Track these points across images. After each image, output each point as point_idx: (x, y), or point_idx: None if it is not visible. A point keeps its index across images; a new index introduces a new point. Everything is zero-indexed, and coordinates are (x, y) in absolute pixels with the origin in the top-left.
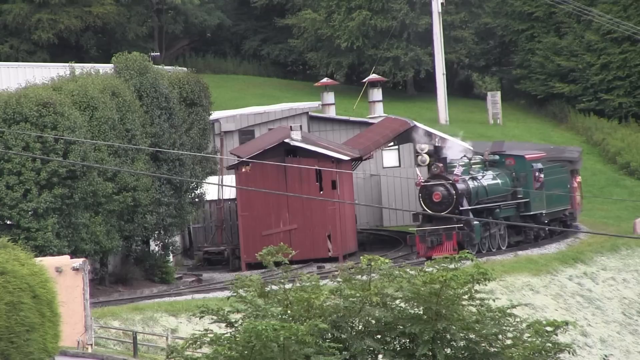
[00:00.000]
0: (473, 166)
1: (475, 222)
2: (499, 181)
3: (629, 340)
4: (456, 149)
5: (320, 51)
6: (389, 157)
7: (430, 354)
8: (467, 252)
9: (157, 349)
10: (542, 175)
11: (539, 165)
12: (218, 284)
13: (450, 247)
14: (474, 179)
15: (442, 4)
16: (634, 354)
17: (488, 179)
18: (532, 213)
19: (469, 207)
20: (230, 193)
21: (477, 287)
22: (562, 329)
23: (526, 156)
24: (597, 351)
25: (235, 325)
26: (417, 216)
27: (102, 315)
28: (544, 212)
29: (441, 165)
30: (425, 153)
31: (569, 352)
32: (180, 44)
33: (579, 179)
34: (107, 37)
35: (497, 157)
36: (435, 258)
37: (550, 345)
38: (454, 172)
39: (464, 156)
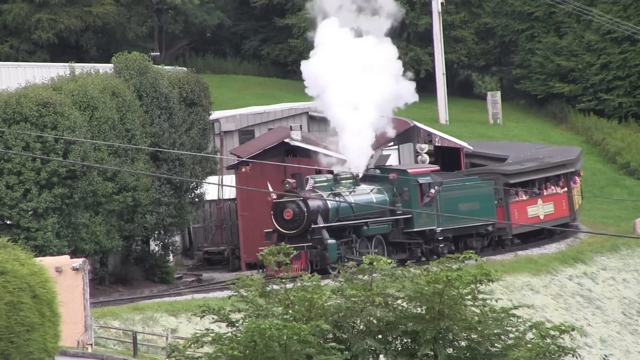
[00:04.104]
0: (343, 181)
1: (330, 241)
2: (373, 197)
3: (629, 340)
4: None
5: None
6: (389, 157)
7: (432, 353)
8: (471, 253)
9: (157, 349)
10: (432, 190)
11: (428, 180)
12: (218, 284)
13: (299, 267)
14: (336, 195)
15: (442, 4)
16: (634, 354)
17: (358, 194)
18: (417, 229)
19: (324, 225)
20: (230, 193)
21: (479, 287)
22: (568, 334)
23: (409, 170)
24: (597, 351)
25: (236, 325)
26: (269, 234)
27: (102, 315)
28: (436, 228)
29: (293, 181)
30: (425, 153)
31: (572, 355)
32: (180, 44)
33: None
34: (107, 37)
35: (377, 171)
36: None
37: (555, 347)
38: (306, 189)
39: (329, 171)
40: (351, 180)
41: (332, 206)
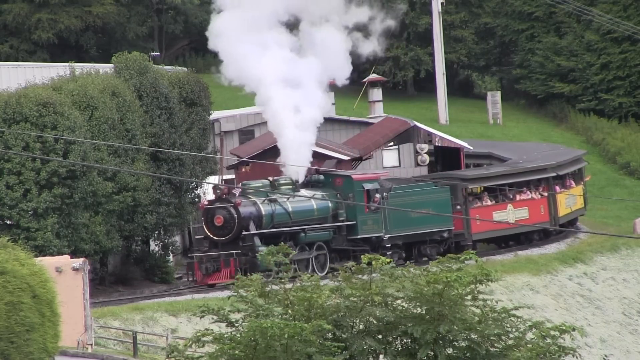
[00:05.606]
0: (282, 187)
1: (261, 248)
2: (313, 203)
3: (629, 340)
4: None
5: None
6: (389, 157)
7: (432, 354)
8: (472, 253)
9: (157, 349)
10: (377, 196)
11: (376, 185)
12: (218, 284)
13: (227, 274)
14: (272, 201)
15: (442, 3)
16: (634, 353)
17: (297, 201)
18: (361, 236)
19: (255, 232)
20: None
21: (479, 287)
22: (568, 334)
23: (354, 176)
24: (597, 351)
25: (236, 325)
26: (201, 241)
27: (102, 315)
28: (383, 235)
29: (225, 187)
30: (425, 153)
31: (573, 355)
32: (180, 44)
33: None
34: (107, 37)
35: (321, 177)
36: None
37: (555, 347)
38: (236, 194)
39: (268, 177)
40: (290, 186)
41: (267, 212)
